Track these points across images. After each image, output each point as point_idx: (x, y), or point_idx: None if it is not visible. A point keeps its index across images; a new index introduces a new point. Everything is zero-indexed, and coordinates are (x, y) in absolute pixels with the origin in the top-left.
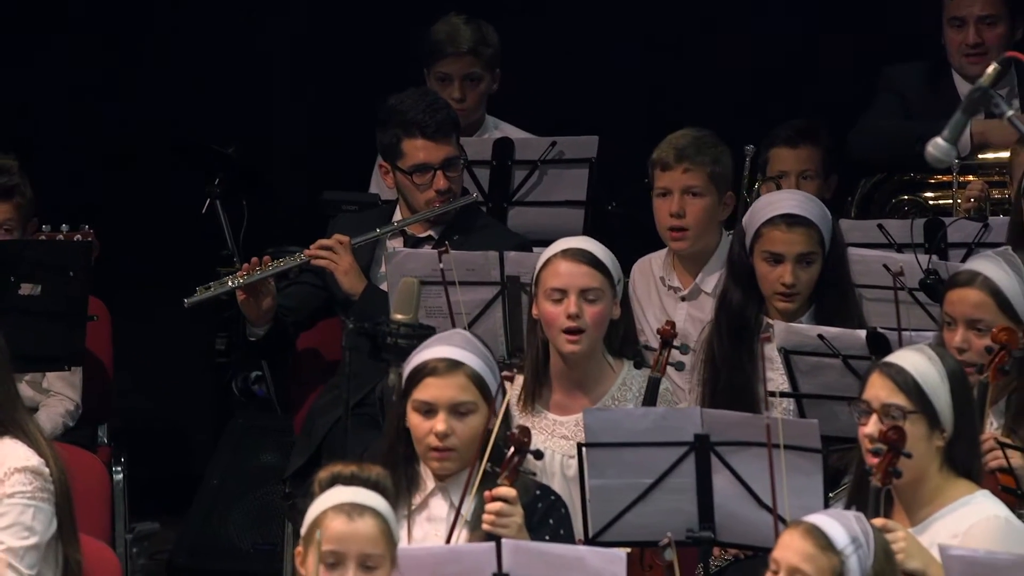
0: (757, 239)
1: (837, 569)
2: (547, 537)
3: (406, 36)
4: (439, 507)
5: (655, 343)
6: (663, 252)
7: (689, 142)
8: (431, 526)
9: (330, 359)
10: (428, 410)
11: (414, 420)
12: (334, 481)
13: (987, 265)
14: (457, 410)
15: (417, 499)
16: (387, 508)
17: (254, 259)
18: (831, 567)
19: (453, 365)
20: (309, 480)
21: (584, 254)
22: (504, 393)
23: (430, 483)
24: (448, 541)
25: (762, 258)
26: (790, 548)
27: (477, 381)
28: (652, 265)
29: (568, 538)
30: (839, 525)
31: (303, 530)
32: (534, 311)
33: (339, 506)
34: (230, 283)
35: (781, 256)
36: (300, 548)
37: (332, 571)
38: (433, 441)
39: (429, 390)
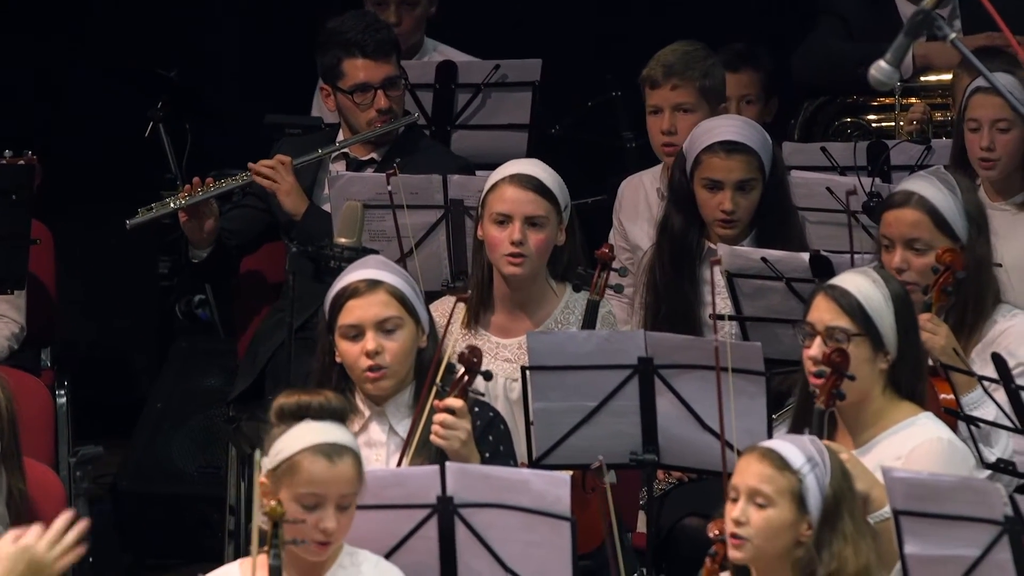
0: (697, 166)
1: (795, 488)
2: (487, 454)
3: None
4: (377, 432)
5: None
6: (657, 168)
7: (677, 58)
8: (370, 451)
9: (273, 283)
10: (356, 334)
11: (343, 347)
12: (301, 413)
13: (922, 184)
14: (383, 327)
15: (355, 426)
16: (356, 443)
17: (196, 180)
18: (789, 486)
19: (373, 284)
20: (257, 404)
21: (531, 180)
22: (431, 316)
23: (366, 409)
24: (399, 464)
25: (702, 185)
26: (747, 472)
27: (399, 297)
28: (644, 180)
29: (508, 454)
30: (794, 447)
31: (270, 462)
32: (479, 233)
33: (318, 447)
34: (172, 204)
35: (720, 183)
36: (265, 479)
37: (310, 512)
38: (365, 362)
39: (353, 312)
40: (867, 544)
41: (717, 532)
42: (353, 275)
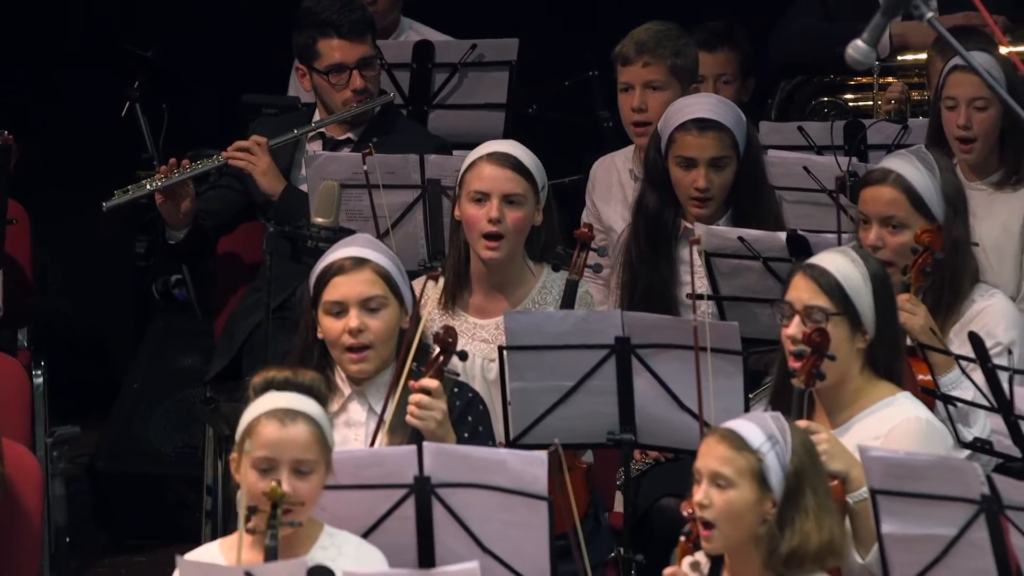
0: (671, 144)
1: (755, 467)
2: (466, 434)
3: None
4: (357, 412)
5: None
6: (629, 148)
7: (650, 36)
8: (350, 431)
9: (250, 263)
10: (339, 310)
11: (327, 323)
12: (268, 386)
13: (900, 163)
14: (367, 305)
15: (335, 405)
16: (320, 413)
17: (172, 161)
18: (749, 467)
19: (359, 262)
20: (234, 384)
21: (509, 159)
22: (415, 296)
23: (346, 388)
24: (372, 444)
25: (676, 163)
26: (708, 455)
27: (384, 276)
28: (616, 161)
29: (487, 435)
30: (754, 426)
31: (237, 436)
32: (456, 213)
33: (272, 412)
34: (148, 186)
35: (694, 161)
36: (235, 455)
37: (265, 476)
38: (347, 339)
39: (338, 289)
40: (832, 519)
41: (691, 511)
42: (340, 252)
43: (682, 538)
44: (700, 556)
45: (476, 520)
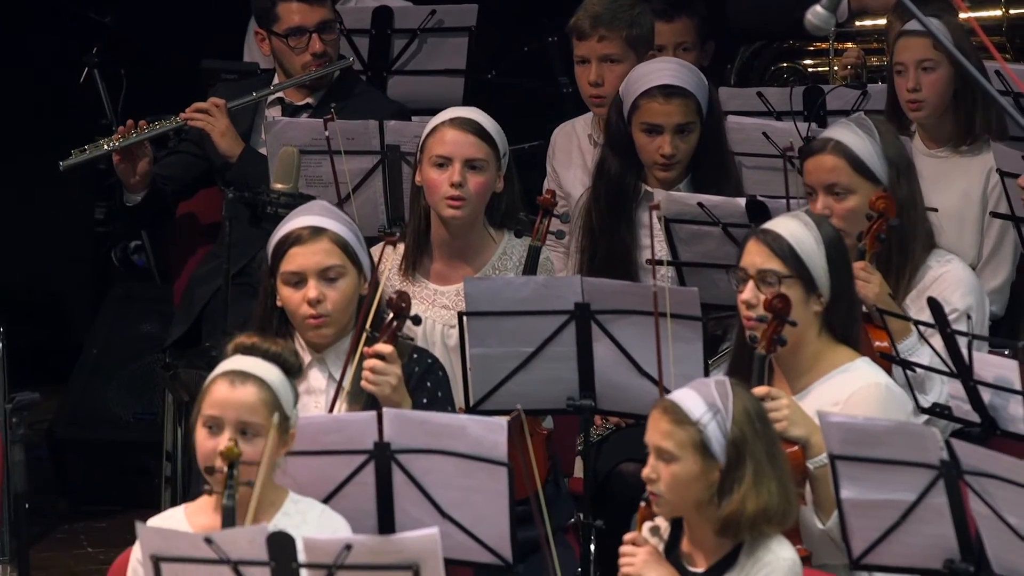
0: (635, 110)
1: (696, 439)
2: (425, 400)
3: None
4: (317, 379)
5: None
6: (589, 115)
7: (604, 8)
8: (310, 398)
9: (210, 229)
10: (298, 280)
11: (285, 293)
12: (235, 350)
13: (839, 131)
14: (326, 275)
15: None
16: (278, 379)
17: (129, 122)
18: (690, 439)
19: (316, 231)
20: (193, 350)
21: (472, 124)
22: (378, 267)
23: (306, 356)
24: (331, 411)
25: (640, 129)
26: (653, 429)
27: (342, 245)
28: (576, 127)
29: (446, 400)
30: (696, 396)
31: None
32: (417, 178)
33: (225, 373)
34: (106, 146)
35: (659, 127)
36: (197, 415)
37: (212, 435)
38: (306, 310)
39: (296, 259)
40: (774, 485)
41: None
42: (297, 221)
43: (642, 504)
44: (660, 521)
45: (436, 486)
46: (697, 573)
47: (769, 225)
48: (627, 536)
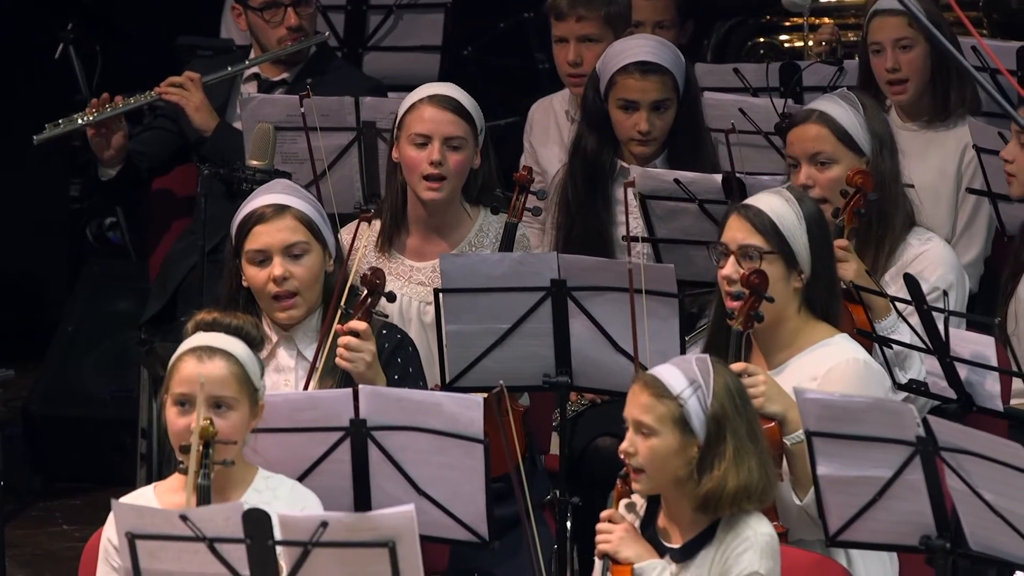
0: (611, 87)
1: (676, 414)
2: (396, 376)
3: None
4: (285, 358)
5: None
6: (566, 91)
7: None
8: (279, 376)
9: (185, 206)
10: (263, 259)
11: (250, 272)
12: (197, 327)
13: (823, 103)
14: (291, 252)
15: (263, 352)
16: (245, 353)
17: (104, 95)
18: (670, 414)
19: (279, 209)
20: (169, 326)
21: (450, 101)
22: (343, 245)
23: (274, 335)
24: (306, 388)
25: (617, 106)
26: (632, 403)
27: (306, 222)
28: (554, 104)
29: (417, 376)
30: (677, 371)
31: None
32: (394, 155)
33: (191, 349)
34: (80, 120)
35: (636, 104)
36: (164, 395)
37: (184, 413)
38: (272, 288)
39: (260, 238)
40: (753, 462)
41: None
42: (259, 200)
43: (619, 481)
44: (636, 498)
45: (412, 463)
46: (673, 549)
47: (751, 201)
48: (603, 513)
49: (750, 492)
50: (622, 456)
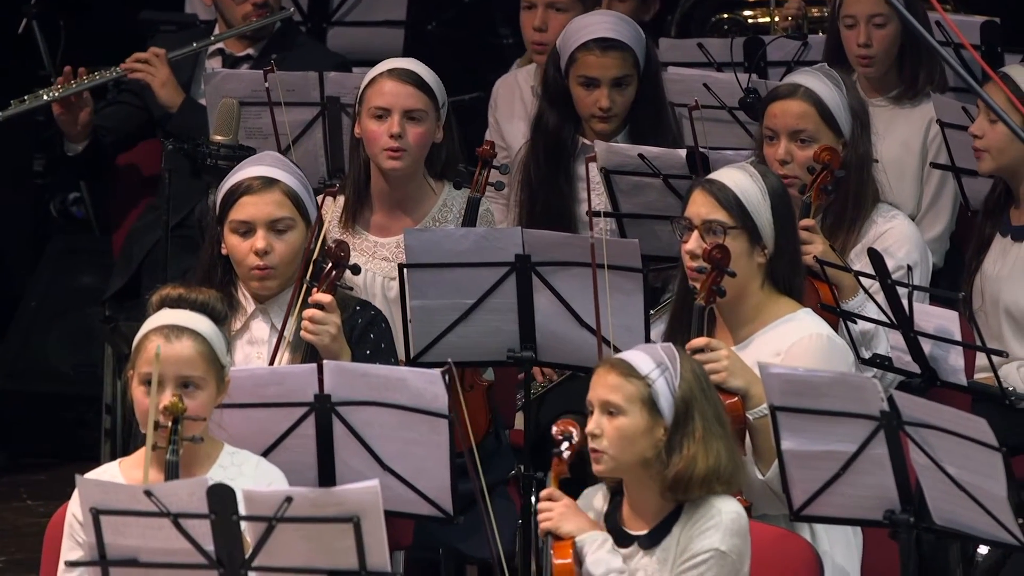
0: (572, 63)
1: (645, 394)
2: (368, 351)
3: None
4: (260, 329)
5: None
6: (531, 66)
7: None
8: (252, 348)
9: (149, 181)
10: (247, 230)
11: (232, 241)
12: (162, 304)
13: (808, 78)
14: (275, 227)
15: (238, 323)
16: (212, 330)
17: (67, 70)
18: (639, 393)
19: (268, 183)
20: (133, 302)
21: (410, 74)
22: (321, 218)
23: (250, 306)
24: (272, 362)
25: (578, 82)
26: (598, 385)
27: (293, 198)
28: (519, 79)
29: (390, 352)
30: (643, 354)
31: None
32: (356, 130)
33: (158, 328)
34: (45, 96)
35: (596, 80)
36: (130, 372)
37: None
38: (253, 260)
39: (246, 209)
40: (721, 444)
41: (564, 432)
42: (249, 171)
43: (554, 459)
44: (600, 491)
45: (377, 438)
46: (641, 536)
47: (715, 175)
48: (543, 492)
49: (720, 474)
50: (558, 434)
